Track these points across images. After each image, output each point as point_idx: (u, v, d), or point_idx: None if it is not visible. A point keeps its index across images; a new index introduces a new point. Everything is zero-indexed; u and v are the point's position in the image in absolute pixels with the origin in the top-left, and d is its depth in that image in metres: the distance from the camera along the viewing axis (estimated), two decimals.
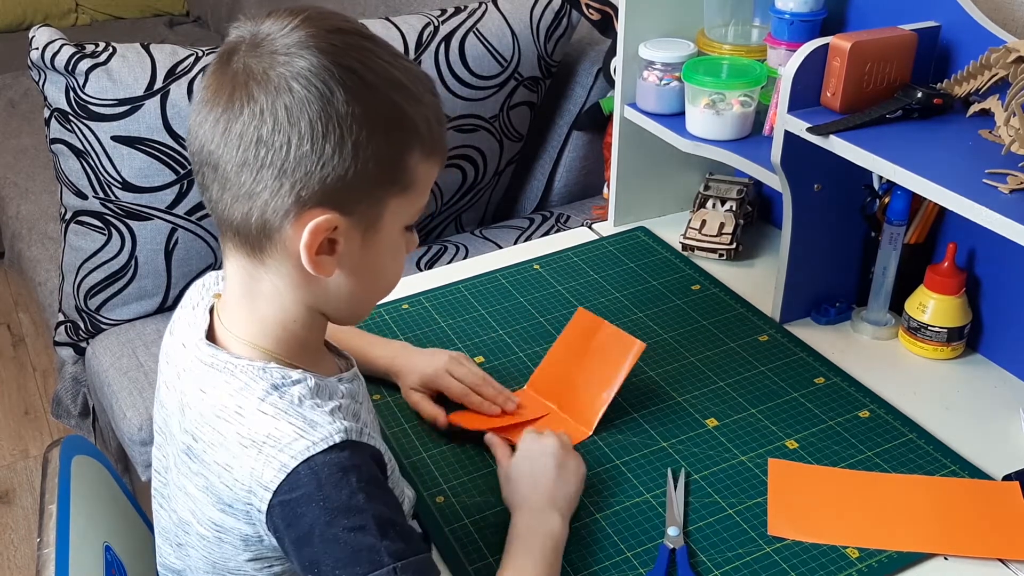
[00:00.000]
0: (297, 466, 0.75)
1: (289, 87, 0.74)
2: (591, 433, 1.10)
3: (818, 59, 1.10)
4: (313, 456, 0.75)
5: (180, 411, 0.85)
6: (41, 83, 1.56)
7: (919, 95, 1.08)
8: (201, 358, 0.83)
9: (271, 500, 0.76)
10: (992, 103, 1.05)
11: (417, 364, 1.14)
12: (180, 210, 1.60)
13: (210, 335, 0.85)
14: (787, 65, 1.12)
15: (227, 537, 0.82)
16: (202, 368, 0.83)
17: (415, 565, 0.76)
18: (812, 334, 1.26)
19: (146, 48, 1.58)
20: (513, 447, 1.05)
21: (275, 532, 0.78)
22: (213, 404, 0.81)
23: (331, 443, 0.76)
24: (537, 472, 0.98)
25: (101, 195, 1.58)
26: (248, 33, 0.78)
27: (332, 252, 0.79)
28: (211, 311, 0.88)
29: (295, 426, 0.77)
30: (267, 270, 0.81)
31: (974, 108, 1.08)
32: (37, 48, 1.53)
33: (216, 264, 1.68)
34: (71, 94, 1.53)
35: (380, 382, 1.17)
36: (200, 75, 1.56)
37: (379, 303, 0.99)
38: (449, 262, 1.74)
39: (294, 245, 0.78)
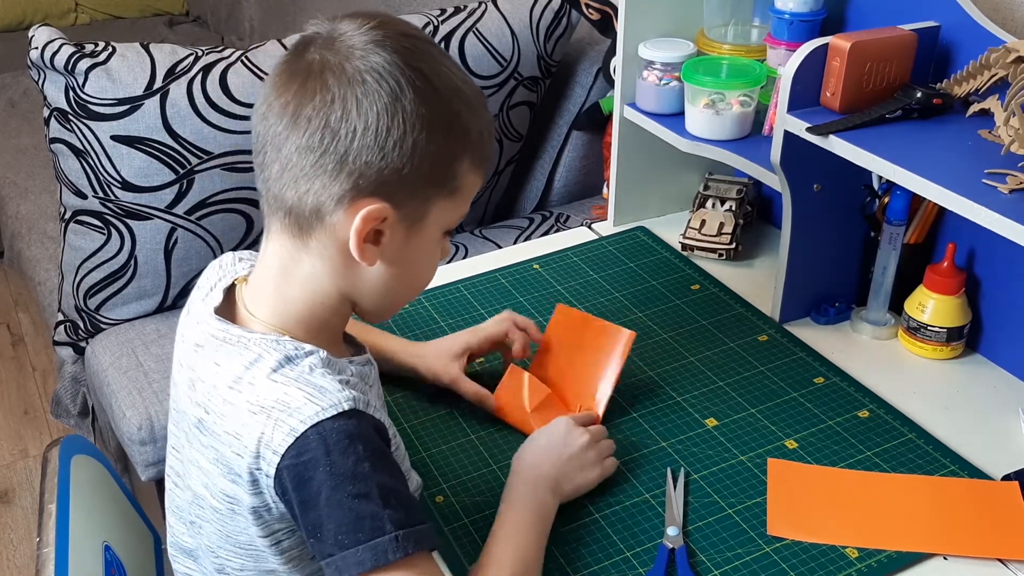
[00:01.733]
0: (306, 430, 0.77)
1: (363, 79, 0.78)
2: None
3: (818, 59, 1.10)
4: (322, 421, 0.77)
5: (190, 386, 0.87)
6: (41, 83, 1.56)
7: (919, 95, 1.08)
8: (213, 333, 0.86)
9: (279, 464, 0.77)
10: (992, 103, 1.05)
11: (452, 340, 1.16)
12: (180, 210, 1.60)
13: (226, 314, 0.87)
14: (787, 65, 1.12)
15: (238, 509, 0.83)
16: (215, 343, 0.85)
17: (416, 535, 0.77)
18: (812, 334, 1.26)
19: (146, 48, 1.58)
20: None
21: (283, 496, 0.79)
22: (226, 376, 0.83)
23: (340, 409, 0.78)
24: (551, 453, 1.00)
25: (100, 195, 1.58)
26: (324, 30, 0.82)
27: (377, 242, 0.83)
28: (229, 291, 0.90)
29: (305, 392, 0.79)
30: (309, 252, 0.83)
31: (974, 108, 1.08)
32: (37, 48, 1.52)
33: None
34: (71, 93, 1.53)
35: (387, 380, 1.17)
36: (200, 75, 1.57)
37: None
38: (449, 262, 1.74)
39: (343, 230, 0.81)
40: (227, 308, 0.89)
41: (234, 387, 0.82)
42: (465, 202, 0.87)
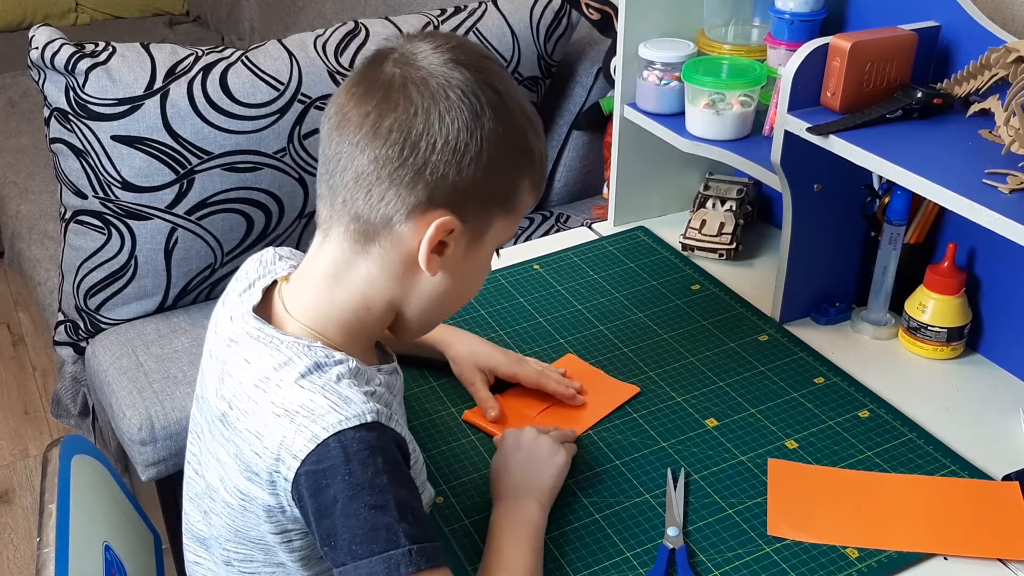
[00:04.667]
0: (328, 438, 0.77)
1: (446, 95, 0.80)
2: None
3: (818, 59, 1.10)
4: (344, 431, 0.78)
5: (219, 379, 0.88)
6: (41, 83, 1.56)
7: (919, 95, 1.08)
8: (248, 331, 0.87)
9: (298, 469, 0.78)
10: (992, 103, 1.05)
11: (487, 350, 1.17)
12: (180, 209, 1.60)
13: (263, 311, 0.88)
14: (787, 65, 1.12)
15: (251, 506, 0.84)
16: (249, 340, 0.86)
17: (429, 551, 0.78)
18: (812, 334, 1.26)
19: (146, 48, 1.58)
20: None
21: (299, 502, 0.80)
22: (254, 374, 0.83)
23: (363, 420, 0.78)
24: (511, 466, 1.01)
25: (101, 195, 1.58)
26: (400, 46, 0.84)
27: (441, 253, 0.84)
28: (268, 289, 0.91)
29: (330, 400, 0.79)
30: (368, 258, 0.85)
31: (974, 108, 1.08)
32: (37, 48, 1.52)
33: (216, 264, 1.68)
34: (71, 93, 1.53)
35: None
36: (200, 75, 1.56)
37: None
38: None
39: (411, 239, 0.83)
40: (264, 306, 0.90)
41: (260, 386, 0.82)
42: (518, 221, 0.90)
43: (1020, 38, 1.06)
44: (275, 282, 0.91)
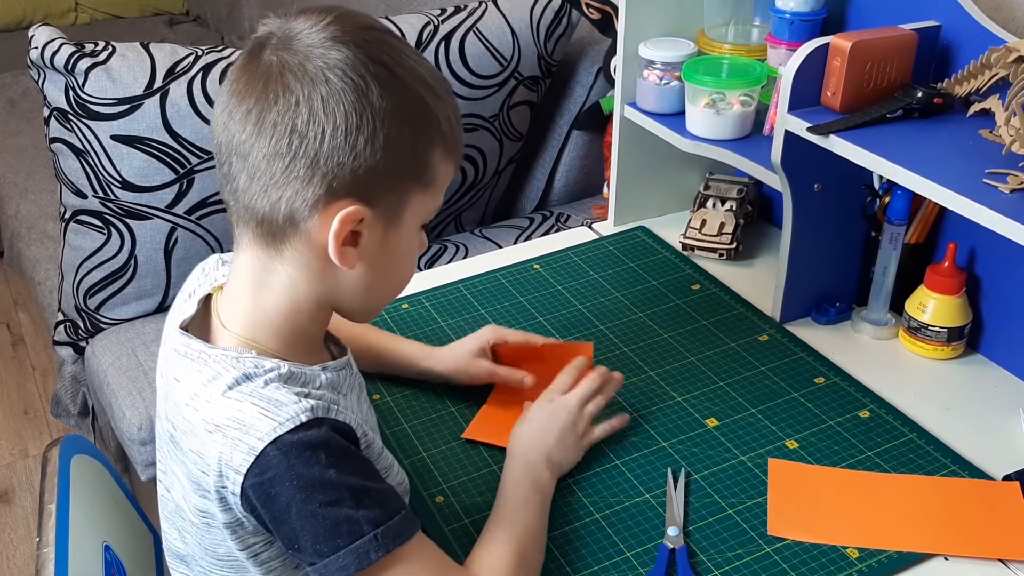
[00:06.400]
0: (265, 448, 0.75)
1: (326, 78, 0.76)
2: None
3: (818, 59, 1.10)
4: (280, 436, 0.76)
5: (164, 398, 0.87)
6: (41, 82, 1.56)
7: (919, 95, 1.08)
8: (175, 347, 0.84)
9: (243, 483, 0.76)
10: (992, 103, 1.05)
11: (466, 342, 1.16)
12: (180, 209, 1.60)
13: (197, 324, 0.86)
14: (787, 65, 1.12)
15: (213, 523, 0.82)
16: (176, 357, 0.84)
17: (394, 528, 0.77)
18: (812, 334, 1.26)
19: (146, 47, 1.58)
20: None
21: (253, 512, 0.78)
22: (185, 392, 0.82)
23: (297, 422, 0.76)
24: (541, 430, 1.02)
25: (101, 194, 1.58)
26: (278, 29, 0.79)
27: (355, 244, 0.81)
28: (206, 299, 0.89)
29: (259, 407, 0.77)
30: (284, 260, 0.81)
31: (974, 108, 1.08)
32: (37, 47, 1.52)
33: None
34: (71, 93, 1.53)
35: (387, 380, 1.17)
36: (200, 74, 1.56)
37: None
38: (449, 261, 1.74)
39: (320, 235, 0.79)
40: (204, 318, 0.87)
41: (190, 404, 0.80)
42: (440, 193, 0.85)
43: (1021, 38, 1.06)
44: (211, 294, 0.89)
